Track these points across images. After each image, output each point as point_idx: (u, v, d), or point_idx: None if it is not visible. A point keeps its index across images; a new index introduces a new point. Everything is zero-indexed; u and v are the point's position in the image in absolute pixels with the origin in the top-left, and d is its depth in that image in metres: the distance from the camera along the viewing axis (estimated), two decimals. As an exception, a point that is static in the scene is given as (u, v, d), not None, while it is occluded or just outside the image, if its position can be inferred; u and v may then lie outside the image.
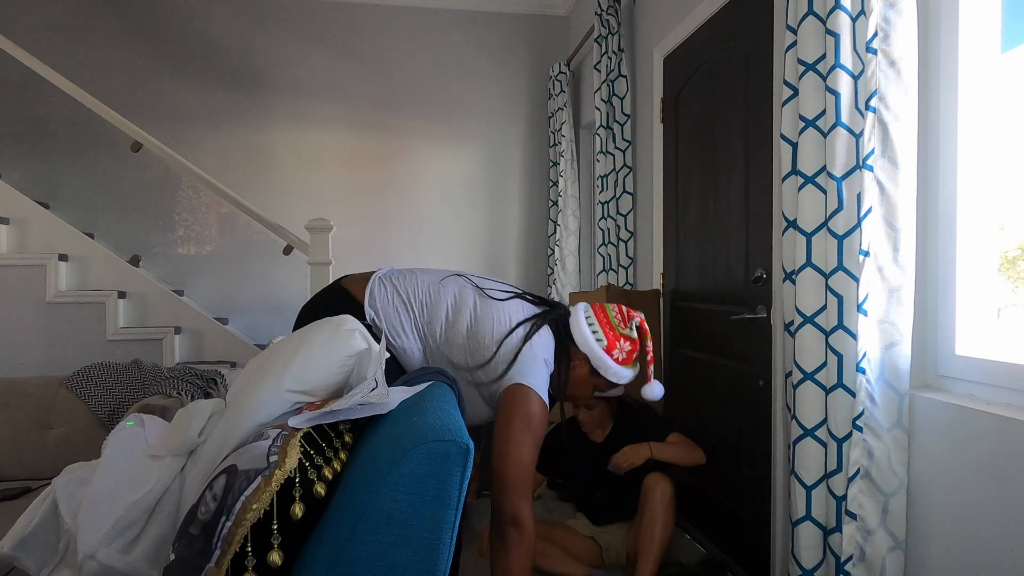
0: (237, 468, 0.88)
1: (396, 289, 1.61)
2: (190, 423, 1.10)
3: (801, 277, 1.56)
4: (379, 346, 1.18)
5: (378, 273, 1.66)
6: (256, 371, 1.15)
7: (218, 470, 0.91)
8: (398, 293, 1.60)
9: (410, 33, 4.31)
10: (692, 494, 2.64)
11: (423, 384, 1.19)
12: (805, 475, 1.56)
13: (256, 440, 0.94)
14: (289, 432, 0.95)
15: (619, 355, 1.62)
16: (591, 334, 1.61)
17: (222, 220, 4.19)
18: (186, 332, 3.48)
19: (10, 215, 3.32)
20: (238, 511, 0.83)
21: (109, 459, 1.06)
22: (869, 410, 1.44)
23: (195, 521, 0.86)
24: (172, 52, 4.05)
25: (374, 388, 1.07)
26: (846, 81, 1.46)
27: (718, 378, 2.42)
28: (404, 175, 4.34)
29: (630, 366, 1.65)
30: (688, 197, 2.69)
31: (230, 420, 1.08)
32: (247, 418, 1.06)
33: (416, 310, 1.58)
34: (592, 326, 1.62)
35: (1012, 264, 1.51)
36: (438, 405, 1.03)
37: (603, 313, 1.66)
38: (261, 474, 0.86)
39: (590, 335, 1.61)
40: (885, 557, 1.45)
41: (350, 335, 1.15)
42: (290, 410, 1.10)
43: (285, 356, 1.13)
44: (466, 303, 1.57)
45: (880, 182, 1.43)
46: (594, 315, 1.65)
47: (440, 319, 1.56)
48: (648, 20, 3.07)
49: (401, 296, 1.60)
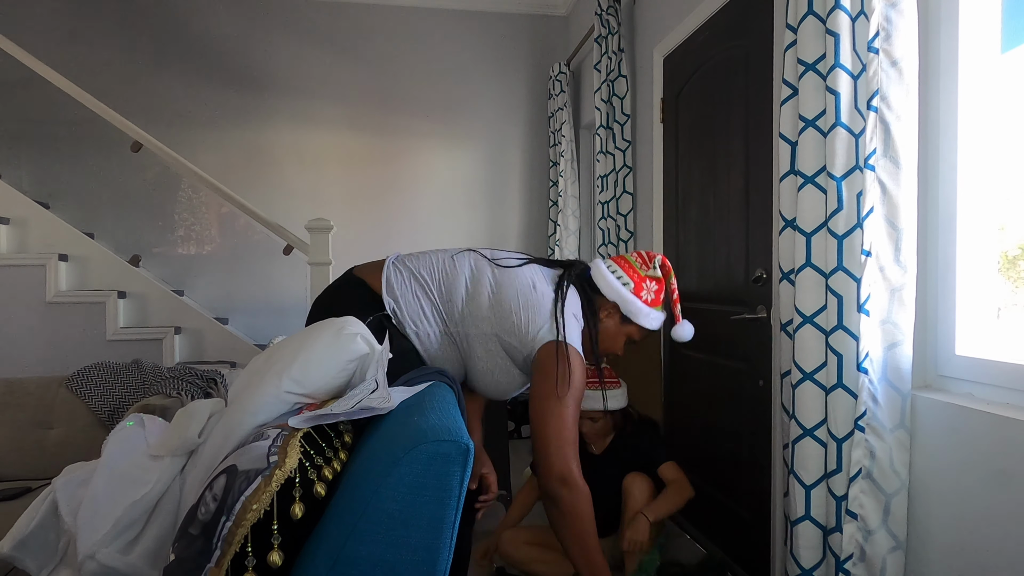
0: (237, 468, 0.88)
1: (412, 272, 1.57)
2: (190, 423, 1.10)
3: (800, 277, 1.56)
4: (381, 348, 1.18)
5: (390, 259, 1.61)
6: (257, 372, 1.15)
7: (218, 470, 0.91)
8: (414, 276, 1.56)
9: (410, 33, 4.31)
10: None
11: (423, 384, 1.19)
12: (804, 475, 1.56)
13: (256, 440, 0.94)
14: (289, 432, 0.95)
15: (647, 296, 1.60)
16: (616, 279, 1.59)
17: (222, 220, 4.19)
18: (186, 332, 3.49)
19: (10, 215, 3.32)
20: (238, 511, 0.83)
21: (109, 459, 1.06)
22: (871, 410, 1.44)
23: (195, 521, 0.86)
24: (172, 52, 4.05)
25: (374, 390, 1.07)
26: (846, 81, 1.46)
27: (718, 378, 2.42)
28: (404, 175, 4.35)
29: (659, 308, 1.64)
30: (688, 197, 2.69)
31: (230, 421, 1.08)
32: (247, 419, 1.06)
33: (435, 290, 1.54)
34: (615, 272, 1.61)
35: (1012, 264, 1.51)
36: (438, 405, 1.03)
37: (623, 260, 1.64)
38: (261, 474, 0.86)
39: (615, 280, 1.59)
40: (886, 557, 1.45)
41: (351, 339, 1.14)
42: (290, 410, 1.10)
43: (285, 358, 1.13)
44: (484, 273, 1.54)
45: (882, 182, 1.43)
46: (614, 263, 1.64)
47: (460, 293, 1.52)
48: (648, 20, 3.07)
49: (418, 279, 1.55)
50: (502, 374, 1.53)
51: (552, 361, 1.42)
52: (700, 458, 2.58)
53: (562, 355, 1.42)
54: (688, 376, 2.69)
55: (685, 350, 2.72)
